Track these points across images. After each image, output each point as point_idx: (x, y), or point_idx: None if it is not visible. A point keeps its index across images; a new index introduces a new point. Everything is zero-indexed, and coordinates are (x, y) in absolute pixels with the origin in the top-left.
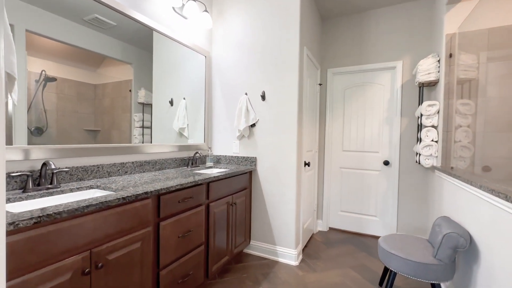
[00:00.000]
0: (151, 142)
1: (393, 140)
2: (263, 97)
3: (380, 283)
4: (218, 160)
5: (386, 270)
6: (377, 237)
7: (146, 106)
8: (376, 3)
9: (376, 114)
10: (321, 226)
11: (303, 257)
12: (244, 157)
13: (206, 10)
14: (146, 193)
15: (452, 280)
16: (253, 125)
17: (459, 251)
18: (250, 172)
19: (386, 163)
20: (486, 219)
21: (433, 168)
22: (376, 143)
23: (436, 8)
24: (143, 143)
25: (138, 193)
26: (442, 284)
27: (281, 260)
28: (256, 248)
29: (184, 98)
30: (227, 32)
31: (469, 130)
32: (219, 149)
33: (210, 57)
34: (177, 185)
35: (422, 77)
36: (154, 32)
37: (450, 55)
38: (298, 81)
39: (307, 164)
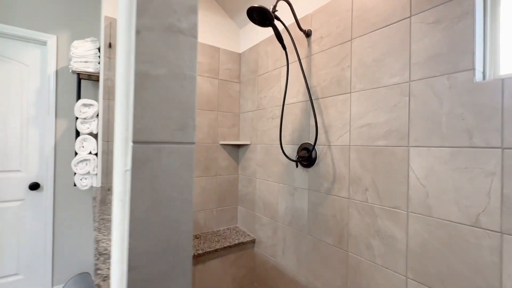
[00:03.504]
0: None
1: (46, 151)
2: None
3: None
4: None
5: None
6: None
7: None
8: None
9: (17, 110)
10: None
11: None
12: None
13: None
14: None
15: None
16: None
17: None
18: None
19: (35, 186)
20: None
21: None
22: (16, 156)
23: None
24: None
25: None
26: None
27: None
28: None
29: None
30: None
31: None
32: None
33: None
34: None
35: (77, 65)
36: None
37: (110, 45)
38: None
39: None
